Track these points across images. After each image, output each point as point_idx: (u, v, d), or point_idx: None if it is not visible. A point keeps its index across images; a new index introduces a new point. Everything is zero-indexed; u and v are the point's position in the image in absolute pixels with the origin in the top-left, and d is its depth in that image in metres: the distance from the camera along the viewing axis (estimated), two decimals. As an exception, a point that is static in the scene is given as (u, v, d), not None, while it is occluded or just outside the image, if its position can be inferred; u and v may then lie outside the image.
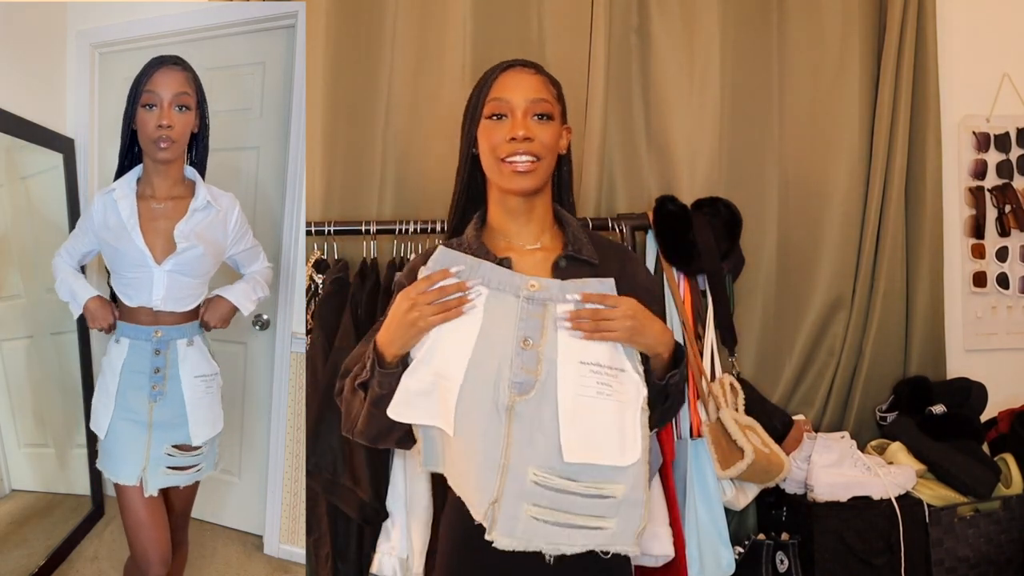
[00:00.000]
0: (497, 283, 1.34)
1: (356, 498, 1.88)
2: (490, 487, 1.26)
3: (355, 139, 2.28)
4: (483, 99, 1.42)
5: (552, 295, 1.34)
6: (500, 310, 1.32)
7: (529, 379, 1.29)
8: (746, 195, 2.37)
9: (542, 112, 1.40)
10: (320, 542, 1.96)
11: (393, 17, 2.29)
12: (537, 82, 1.42)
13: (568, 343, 1.32)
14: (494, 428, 1.27)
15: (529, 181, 1.39)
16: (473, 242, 1.43)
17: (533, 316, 1.32)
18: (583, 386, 1.30)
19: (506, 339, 1.31)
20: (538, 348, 1.31)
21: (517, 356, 1.30)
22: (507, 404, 1.28)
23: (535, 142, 1.38)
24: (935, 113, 2.49)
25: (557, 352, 1.31)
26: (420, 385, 1.30)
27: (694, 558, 1.98)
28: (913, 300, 2.49)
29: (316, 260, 2.10)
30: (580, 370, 1.31)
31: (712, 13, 2.39)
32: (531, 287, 1.34)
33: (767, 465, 1.99)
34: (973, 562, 2.17)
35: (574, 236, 1.45)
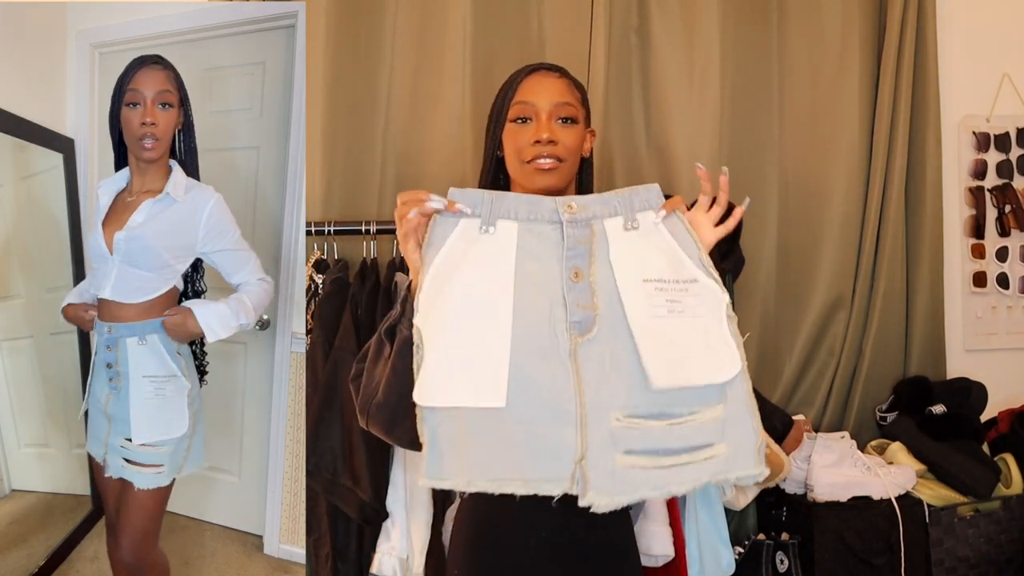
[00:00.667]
0: (527, 213, 1.20)
1: (356, 498, 1.88)
2: (569, 446, 1.11)
3: (355, 139, 2.28)
4: (508, 102, 1.42)
5: (596, 212, 1.21)
6: (537, 244, 1.19)
7: (588, 315, 1.16)
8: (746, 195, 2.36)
9: (566, 116, 1.39)
10: (320, 542, 1.96)
11: (393, 17, 2.29)
12: (562, 85, 1.42)
13: (624, 263, 1.19)
14: (561, 379, 1.13)
15: (552, 179, 1.38)
16: None
17: (580, 242, 1.20)
18: (653, 306, 1.17)
19: (552, 276, 1.18)
20: (590, 278, 1.18)
21: (569, 292, 1.17)
22: (569, 349, 1.15)
23: (559, 145, 1.37)
24: (935, 113, 2.49)
25: (614, 276, 1.18)
26: (452, 360, 1.14)
27: (694, 558, 1.98)
28: (913, 300, 2.49)
29: (316, 260, 2.10)
30: (645, 289, 1.18)
31: (712, 13, 2.39)
32: (569, 208, 1.21)
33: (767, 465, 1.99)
34: (973, 562, 2.17)
35: None
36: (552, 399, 1.13)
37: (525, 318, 1.15)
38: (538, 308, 1.16)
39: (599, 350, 1.15)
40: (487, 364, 1.13)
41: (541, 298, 1.17)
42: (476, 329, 1.15)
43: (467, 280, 1.17)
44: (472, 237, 1.19)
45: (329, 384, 1.92)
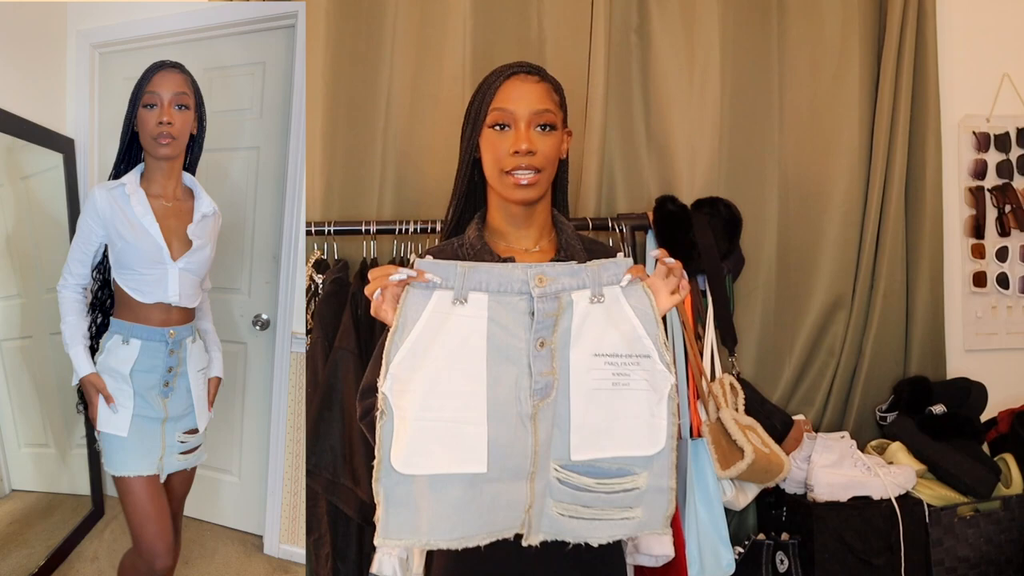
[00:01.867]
0: (498, 286, 1.25)
1: (356, 498, 1.88)
2: (523, 497, 1.24)
3: (355, 139, 2.28)
4: (486, 107, 1.40)
5: (565, 284, 1.26)
6: (507, 315, 1.25)
7: (548, 380, 1.25)
8: (746, 195, 2.38)
9: (545, 123, 1.39)
10: (320, 542, 1.96)
11: (393, 17, 2.29)
12: (540, 91, 1.41)
13: (582, 336, 1.26)
14: (522, 440, 1.23)
15: (531, 192, 1.39)
16: (476, 242, 1.42)
17: (548, 316, 1.25)
18: (598, 380, 1.25)
19: (519, 346, 1.24)
20: (551, 345, 1.25)
21: (534, 361, 1.24)
22: (531, 412, 1.24)
23: (538, 155, 1.37)
24: (935, 113, 2.49)
25: (569, 346, 1.25)
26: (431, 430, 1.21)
27: (694, 558, 1.98)
28: (913, 300, 2.49)
29: (316, 260, 2.10)
30: (595, 363, 1.25)
31: (712, 13, 2.39)
32: (540, 281, 1.25)
33: (767, 465, 1.99)
34: (973, 562, 2.17)
35: (567, 242, 1.46)
36: (515, 459, 1.23)
37: (496, 387, 1.22)
38: (508, 377, 1.23)
39: (551, 412, 1.25)
40: (467, 433, 1.21)
41: (510, 367, 1.24)
42: (453, 400, 1.22)
43: (443, 353, 1.22)
44: (446, 310, 1.24)
45: (329, 384, 1.92)
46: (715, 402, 2.07)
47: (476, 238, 1.43)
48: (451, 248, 1.44)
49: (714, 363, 2.16)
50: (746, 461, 1.95)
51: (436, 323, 1.23)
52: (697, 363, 2.10)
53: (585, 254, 1.45)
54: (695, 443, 2.05)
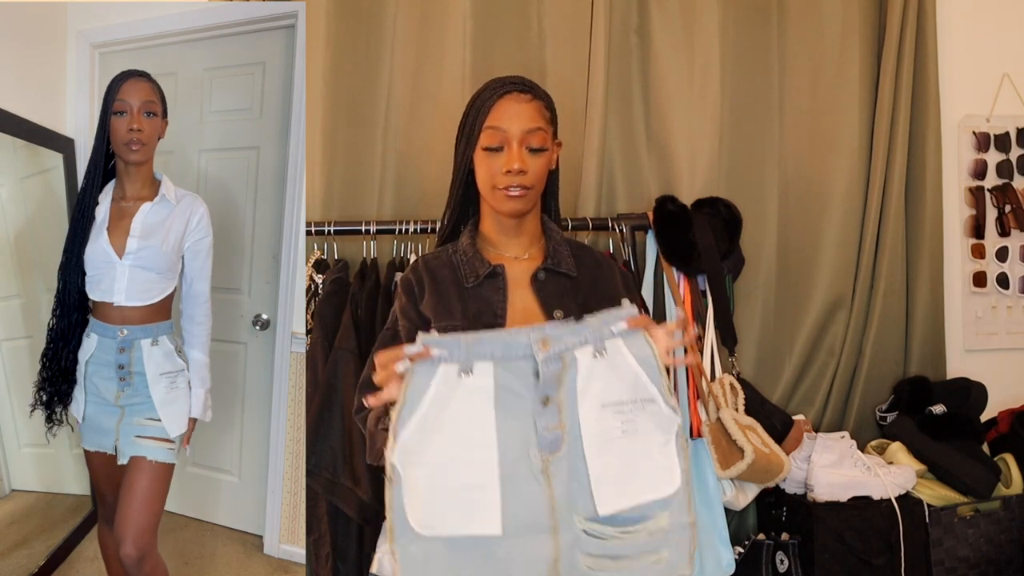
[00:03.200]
0: (503, 353, 1.28)
1: (356, 498, 1.88)
2: (547, 551, 1.25)
3: (355, 139, 2.28)
4: (479, 125, 1.45)
5: (568, 343, 1.29)
6: (513, 379, 1.28)
7: (557, 435, 1.27)
8: (746, 195, 2.38)
9: (536, 145, 1.44)
10: (320, 542, 1.96)
11: (393, 17, 2.29)
12: (532, 110, 1.45)
13: (587, 390, 1.29)
14: (536, 495, 1.25)
15: (520, 204, 1.45)
16: (468, 249, 1.50)
17: (552, 375, 1.28)
18: (608, 430, 1.28)
19: (526, 405, 1.27)
20: (558, 402, 1.28)
21: (540, 417, 1.27)
22: (541, 467, 1.26)
23: (528, 174, 1.43)
24: (935, 113, 2.49)
25: (577, 402, 1.28)
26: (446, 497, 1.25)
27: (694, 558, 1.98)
28: (913, 300, 2.49)
29: (316, 260, 2.10)
30: (603, 414, 1.28)
31: (712, 13, 2.39)
32: (543, 346, 1.28)
33: (767, 465, 1.99)
34: (973, 562, 2.17)
35: (554, 250, 1.52)
36: (530, 514, 1.25)
37: (506, 447, 1.25)
38: (516, 435, 1.26)
39: (565, 465, 1.27)
40: (480, 497, 1.24)
41: (517, 426, 1.26)
42: (466, 467, 1.25)
43: (452, 425, 1.25)
44: (453, 383, 1.26)
45: (329, 384, 1.92)
46: (715, 402, 2.07)
47: (469, 245, 1.50)
48: (446, 254, 1.52)
49: (714, 363, 2.16)
50: (746, 461, 1.95)
51: (444, 395, 1.26)
52: (697, 363, 2.10)
53: (572, 260, 1.52)
54: (695, 443, 2.05)
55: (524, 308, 1.46)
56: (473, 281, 1.46)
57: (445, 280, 1.48)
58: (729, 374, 2.15)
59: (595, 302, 1.42)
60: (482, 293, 1.46)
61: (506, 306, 1.45)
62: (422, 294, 1.48)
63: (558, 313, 1.44)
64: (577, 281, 1.50)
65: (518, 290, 1.47)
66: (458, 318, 1.43)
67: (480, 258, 1.48)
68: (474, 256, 1.48)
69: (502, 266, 1.48)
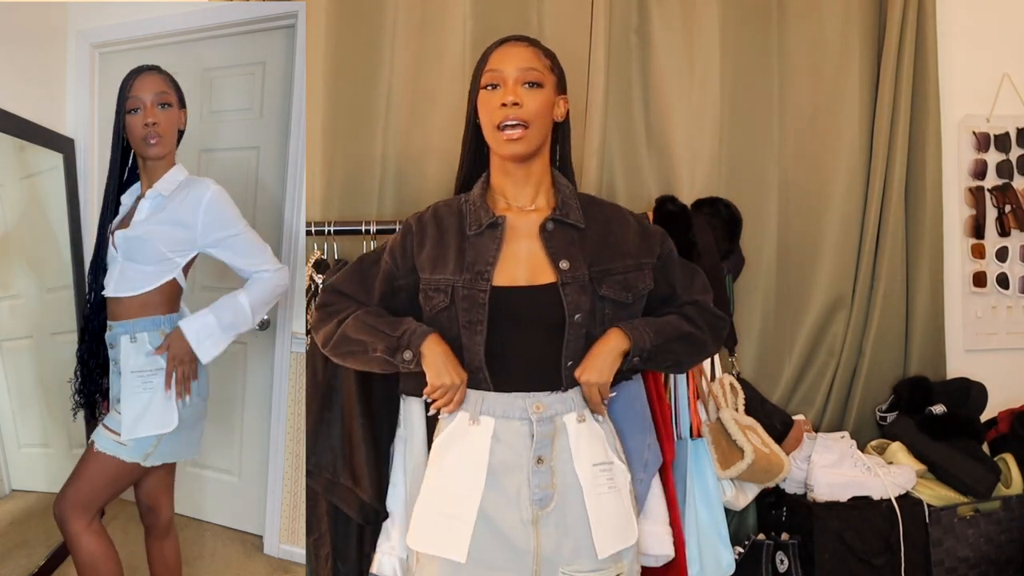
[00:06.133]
0: (502, 411, 1.48)
1: (356, 498, 1.88)
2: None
3: (355, 139, 2.27)
4: (480, 71, 1.56)
5: (557, 409, 1.49)
6: (511, 436, 1.47)
7: (548, 493, 1.46)
8: (746, 195, 2.37)
9: (532, 80, 1.51)
10: (320, 542, 1.96)
11: (393, 17, 2.29)
12: (528, 53, 1.54)
13: (579, 452, 1.48)
14: (523, 542, 1.45)
15: (520, 147, 1.50)
16: (477, 200, 1.57)
17: (545, 436, 1.47)
18: (598, 485, 1.48)
19: (521, 462, 1.46)
20: (551, 463, 1.46)
21: (534, 475, 1.45)
22: (531, 519, 1.45)
23: (523, 107, 1.49)
24: (935, 113, 2.49)
25: (572, 462, 1.47)
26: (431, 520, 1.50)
27: (694, 558, 1.98)
28: (913, 300, 2.49)
29: (316, 260, 2.10)
30: (594, 471, 1.48)
31: (712, 13, 2.39)
32: (537, 408, 1.47)
33: (767, 465, 1.99)
34: (973, 562, 2.17)
35: (563, 201, 1.56)
36: (516, 558, 1.45)
37: (497, 495, 1.46)
38: (509, 487, 1.46)
39: (555, 520, 1.46)
40: (455, 526, 1.46)
41: (511, 479, 1.46)
42: (454, 498, 1.47)
43: (455, 458, 1.49)
44: (464, 427, 1.50)
45: (329, 384, 1.92)
46: (715, 402, 2.07)
47: (479, 196, 1.58)
48: (457, 202, 1.60)
49: (714, 363, 2.16)
50: (746, 461, 1.95)
51: (458, 434, 1.50)
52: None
53: (580, 212, 1.56)
54: (695, 443, 2.05)
55: (530, 256, 1.51)
56: (475, 229, 1.52)
57: (450, 228, 1.55)
58: (729, 374, 2.15)
59: (603, 256, 1.51)
60: (480, 242, 1.51)
61: (499, 255, 1.50)
62: (422, 242, 1.56)
63: (564, 263, 1.49)
64: (585, 233, 1.54)
65: (526, 240, 1.53)
66: (451, 271, 1.50)
67: (485, 208, 1.54)
68: (481, 206, 1.55)
69: (504, 217, 1.53)
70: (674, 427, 2.05)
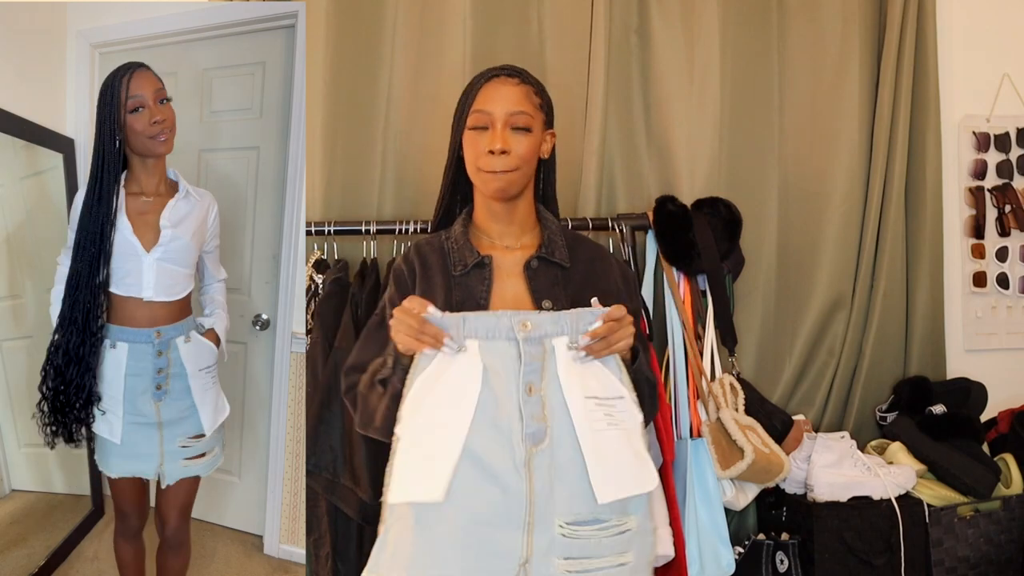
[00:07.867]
0: (486, 331, 1.31)
1: (356, 498, 1.88)
2: (516, 548, 1.26)
3: (355, 139, 2.27)
4: (467, 108, 1.48)
5: (547, 330, 1.32)
6: (498, 361, 1.30)
7: (540, 427, 1.28)
8: (746, 195, 2.37)
9: (520, 125, 1.45)
10: (320, 542, 1.96)
11: (393, 17, 2.29)
12: (518, 93, 1.47)
13: (570, 380, 1.30)
14: (515, 486, 1.26)
15: (501, 183, 1.45)
16: (460, 237, 1.50)
17: (534, 359, 1.31)
18: (594, 421, 1.29)
19: (510, 391, 1.29)
20: (541, 392, 1.30)
21: (525, 405, 1.28)
22: (524, 458, 1.27)
23: (511, 155, 1.44)
24: (935, 113, 2.49)
25: (562, 392, 1.30)
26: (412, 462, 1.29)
27: (694, 558, 1.98)
28: (913, 300, 2.49)
29: (316, 260, 2.10)
30: (587, 405, 1.30)
31: (712, 13, 2.39)
32: (524, 327, 1.31)
33: (767, 465, 1.99)
34: (973, 562, 2.17)
35: (549, 239, 1.51)
36: (506, 504, 1.26)
37: (486, 429, 1.27)
38: (499, 420, 1.28)
39: (547, 460, 1.28)
40: (436, 464, 1.25)
41: (500, 411, 1.28)
42: (436, 436, 1.27)
43: (441, 393, 1.29)
44: (451, 356, 1.31)
45: (329, 384, 1.92)
46: (715, 402, 2.07)
47: (460, 233, 1.51)
48: (438, 240, 1.53)
49: (714, 363, 2.16)
50: (746, 461, 1.95)
51: (443, 366, 1.31)
52: (697, 363, 2.11)
53: (566, 250, 1.51)
54: (695, 443, 2.05)
55: (515, 296, 1.46)
56: (461, 270, 1.47)
57: (434, 266, 1.49)
58: (729, 374, 2.16)
59: (586, 296, 1.40)
60: (468, 282, 1.46)
61: (489, 296, 1.45)
62: (413, 284, 1.49)
63: (547, 303, 1.44)
64: (569, 272, 1.49)
65: (510, 279, 1.47)
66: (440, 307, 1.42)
67: (470, 247, 1.48)
68: (464, 245, 1.49)
69: (490, 257, 1.48)
70: (674, 427, 2.05)
